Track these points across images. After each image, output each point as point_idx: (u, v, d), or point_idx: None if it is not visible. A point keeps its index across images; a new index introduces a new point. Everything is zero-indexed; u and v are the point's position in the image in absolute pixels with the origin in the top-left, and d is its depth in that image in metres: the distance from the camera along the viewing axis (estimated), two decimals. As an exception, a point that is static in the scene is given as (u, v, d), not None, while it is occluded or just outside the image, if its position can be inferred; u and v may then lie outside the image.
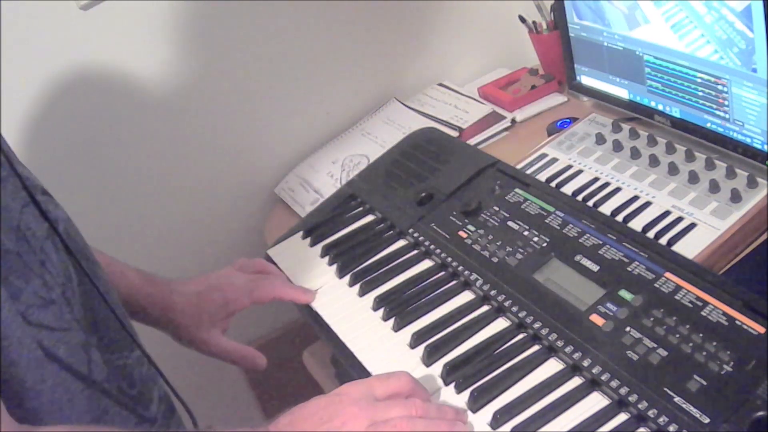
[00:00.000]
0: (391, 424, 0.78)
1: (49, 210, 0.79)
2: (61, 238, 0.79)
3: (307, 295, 1.08)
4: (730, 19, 0.97)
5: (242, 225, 1.57)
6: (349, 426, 0.78)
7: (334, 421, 0.79)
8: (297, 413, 0.81)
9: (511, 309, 0.92)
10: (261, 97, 1.52)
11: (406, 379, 0.83)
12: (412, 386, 0.83)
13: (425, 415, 0.80)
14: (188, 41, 1.43)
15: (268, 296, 1.08)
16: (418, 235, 1.09)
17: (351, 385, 0.84)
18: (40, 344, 0.71)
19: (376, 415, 0.79)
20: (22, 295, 0.70)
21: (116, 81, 1.39)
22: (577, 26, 1.26)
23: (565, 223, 1.00)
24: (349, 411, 0.79)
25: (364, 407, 0.80)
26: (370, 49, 1.59)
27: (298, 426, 0.80)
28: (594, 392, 0.80)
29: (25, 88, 1.33)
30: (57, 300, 0.74)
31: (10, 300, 0.69)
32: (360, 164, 1.46)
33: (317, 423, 0.79)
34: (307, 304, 1.07)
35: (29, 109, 1.35)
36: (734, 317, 0.79)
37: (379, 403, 0.81)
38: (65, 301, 0.76)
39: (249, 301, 1.07)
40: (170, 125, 1.46)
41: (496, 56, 1.68)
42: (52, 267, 0.76)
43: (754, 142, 1.02)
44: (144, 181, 1.48)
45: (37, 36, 1.31)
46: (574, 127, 1.26)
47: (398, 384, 0.83)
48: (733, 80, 1.01)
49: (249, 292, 1.07)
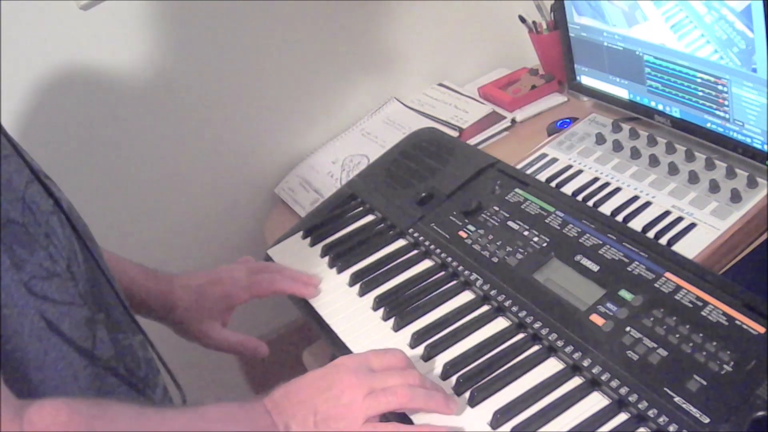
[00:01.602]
0: (390, 392, 0.79)
1: (52, 190, 0.80)
2: (66, 216, 0.79)
3: (308, 289, 1.07)
4: (730, 19, 0.97)
5: (242, 225, 1.57)
6: (348, 394, 0.79)
7: (332, 390, 0.79)
8: (292, 385, 0.81)
9: (511, 309, 0.92)
10: (261, 97, 1.52)
11: (401, 355, 0.84)
12: (406, 362, 0.84)
13: (422, 386, 0.81)
14: (188, 41, 1.43)
15: (267, 290, 1.08)
16: (418, 235, 1.09)
17: (347, 357, 0.85)
18: (43, 316, 0.71)
19: (374, 383, 0.80)
20: (26, 265, 0.70)
21: (116, 81, 1.39)
22: (577, 26, 1.26)
23: (565, 223, 1.00)
24: (346, 380, 0.80)
25: (362, 376, 0.80)
26: (370, 49, 1.59)
27: (293, 397, 0.80)
28: (594, 392, 0.80)
29: (25, 88, 1.33)
30: (62, 273, 0.74)
31: (13, 269, 0.69)
32: (360, 164, 1.46)
33: (314, 392, 0.80)
34: (308, 298, 1.07)
35: (29, 110, 1.35)
36: (734, 317, 0.79)
37: (377, 373, 0.81)
38: (70, 275, 0.76)
39: (248, 295, 1.07)
40: (170, 126, 1.46)
41: (496, 56, 1.68)
42: (57, 241, 0.76)
43: (754, 142, 1.02)
44: (144, 182, 1.48)
45: (37, 36, 1.31)
46: (574, 127, 1.26)
47: (394, 358, 0.84)
48: (733, 80, 1.01)
49: (248, 286, 1.07)
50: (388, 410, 0.79)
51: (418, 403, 0.80)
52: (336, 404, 0.78)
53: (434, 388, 0.82)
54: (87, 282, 0.78)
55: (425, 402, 0.80)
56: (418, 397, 0.79)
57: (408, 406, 0.80)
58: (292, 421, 0.78)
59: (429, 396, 0.80)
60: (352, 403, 0.78)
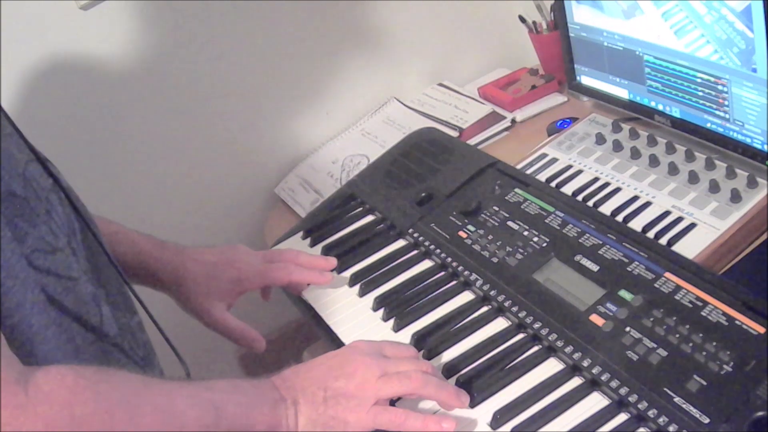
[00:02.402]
0: (403, 376, 0.79)
1: (52, 171, 0.80)
2: (66, 193, 0.79)
3: (324, 276, 1.06)
4: (730, 19, 0.97)
5: (242, 225, 1.57)
6: (360, 373, 0.78)
7: (345, 368, 0.79)
8: (303, 365, 0.81)
9: (511, 309, 0.92)
10: (261, 97, 1.52)
11: (413, 349, 0.86)
12: (418, 356, 0.85)
13: (435, 376, 0.81)
14: (188, 41, 1.43)
15: (282, 280, 1.06)
16: (418, 235, 1.09)
17: (361, 341, 0.85)
18: (44, 289, 0.70)
19: (388, 366, 0.80)
20: (27, 238, 0.70)
21: (115, 81, 1.39)
22: (577, 26, 1.26)
23: (565, 223, 1.00)
24: (360, 360, 0.80)
25: (376, 359, 0.80)
26: (370, 49, 1.59)
27: (304, 374, 0.79)
28: (594, 392, 0.80)
29: (25, 87, 1.33)
30: (63, 248, 0.74)
31: (15, 242, 0.69)
32: (360, 164, 1.46)
33: (326, 370, 0.79)
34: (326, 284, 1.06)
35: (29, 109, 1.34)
36: (734, 317, 0.79)
37: (390, 359, 0.81)
38: (71, 251, 0.76)
39: (261, 282, 1.06)
40: (170, 126, 1.46)
41: (496, 56, 1.68)
42: (58, 217, 0.76)
43: (754, 142, 1.02)
44: (143, 182, 1.48)
45: (37, 35, 1.31)
46: (574, 127, 1.26)
47: (407, 350, 0.85)
48: (733, 80, 1.01)
49: (262, 272, 1.06)
50: (399, 394, 0.79)
51: (430, 390, 0.79)
52: (348, 383, 0.78)
53: (445, 381, 0.83)
54: (86, 259, 0.78)
55: (437, 391, 0.80)
56: (430, 384, 0.79)
57: (420, 391, 0.79)
58: (301, 396, 0.78)
59: (441, 386, 0.80)
60: (364, 382, 0.78)
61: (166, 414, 0.69)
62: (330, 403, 0.77)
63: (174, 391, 0.72)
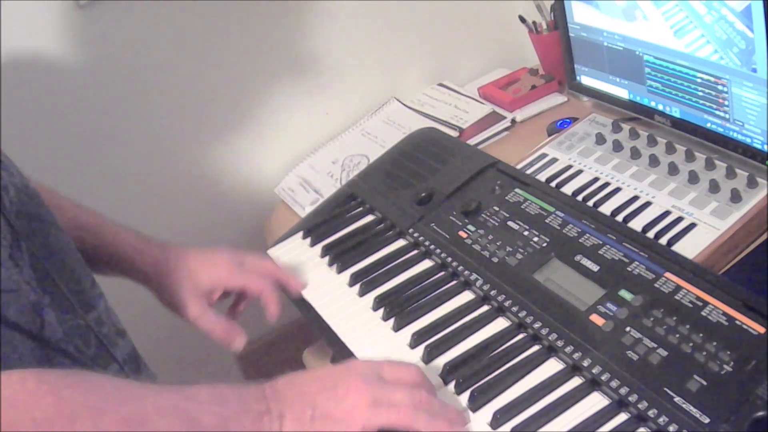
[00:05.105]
0: (393, 409, 0.77)
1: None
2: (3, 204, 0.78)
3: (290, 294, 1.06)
4: (730, 19, 0.97)
5: (242, 225, 1.57)
6: (352, 398, 0.77)
7: (337, 390, 0.78)
8: (298, 377, 0.80)
9: (511, 309, 0.92)
10: (261, 97, 1.52)
11: (417, 371, 0.82)
12: (420, 379, 0.82)
13: (428, 409, 0.78)
14: (188, 41, 1.43)
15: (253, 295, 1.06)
16: (418, 235, 1.09)
17: (360, 361, 0.84)
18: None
19: (381, 394, 0.78)
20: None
21: (115, 81, 1.39)
22: (577, 26, 1.26)
23: (565, 223, 1.00)
24: (353, 383, 0.78)
25: (371, 383, 0.78)
26: (370, 48, 1.59)
27: (296, 387, 0.78)
28: (594, 392, 0.80)
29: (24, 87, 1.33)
30: (4, 262, 0.74)
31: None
32: (360, 164, 1.46)
33: (319, 387, 0.78)
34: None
35: (28, 109, 1.35)
36: (734, 317, 0.79)
37: (386, 384, 0.79)
38: (13, 263, 0.76)
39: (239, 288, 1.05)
40: (170, 126, 1.47)
41: (496, 56, 1.68)
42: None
43: (754, 142, 1.02)
44: (143, 182, 1.48)
45: (37, 35, 1.31)
46: (574, 127, 1.26)
47: (408, 372, 0.82)
48: (733, 80, 1.01)
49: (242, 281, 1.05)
50: (386, 426, 0.77)
51: (420, 424, 0.77)
52: (337, 405, 0.77)
53: (441, 412, 0.79)
54: (31, 267, 0.78)
55: (427, 424, 0.78)
56: (420, 420, 0.77)
57: (409, 426, 0.77)
58: (288, 411, 0.76)
59: (433, 418, 0.78)
60: (353, 408, 0.77)
61: (133, 422, 0.69)
62: (317, 424, 0.76)
63: (147, 398, 0.71)
